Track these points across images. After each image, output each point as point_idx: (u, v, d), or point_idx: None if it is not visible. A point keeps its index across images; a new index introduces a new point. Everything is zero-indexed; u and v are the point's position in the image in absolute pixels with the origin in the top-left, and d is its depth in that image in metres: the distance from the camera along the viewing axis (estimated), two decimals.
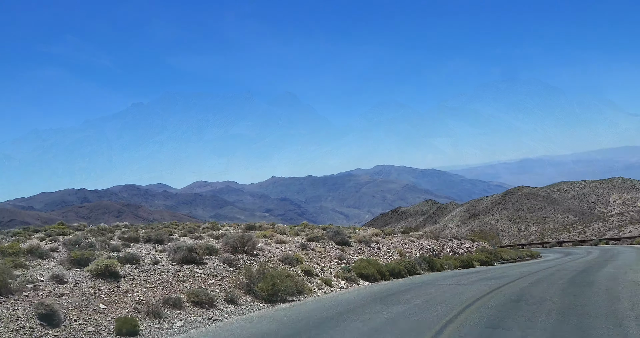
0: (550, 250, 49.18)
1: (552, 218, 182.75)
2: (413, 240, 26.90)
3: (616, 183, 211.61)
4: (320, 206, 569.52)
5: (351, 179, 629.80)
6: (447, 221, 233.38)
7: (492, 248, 37.16)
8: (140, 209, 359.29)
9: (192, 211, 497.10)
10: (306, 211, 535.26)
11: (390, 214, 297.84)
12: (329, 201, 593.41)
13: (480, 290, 14.23)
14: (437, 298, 12.94)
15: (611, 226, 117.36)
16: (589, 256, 29.50)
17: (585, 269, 19.85)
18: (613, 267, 20.10)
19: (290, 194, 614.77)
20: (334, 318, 10.76)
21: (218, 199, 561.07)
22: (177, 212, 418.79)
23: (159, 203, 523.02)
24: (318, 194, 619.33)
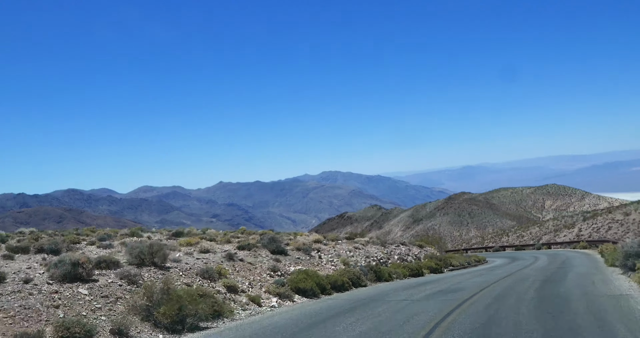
0: (495, 255, 47.69)
1: (492, 222, 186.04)
2: (358, 247, 24.12)
3: (550, 190, 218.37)
4: (267, 211, 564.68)
5: (299, 185, 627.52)
6: (392, 226, 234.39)
7: (440, 253, 35.04)
8: (83, 215, 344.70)
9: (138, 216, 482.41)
10: (254, 216, 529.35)
11: (336, 219, 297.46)
12: (276, 207, 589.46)
13: (438, 309, 11.55)
14: (388, 323, 10.12)
15: (547, 231, 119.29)
16: (539, 263, 27.63)
17: (546, 279, 17.59)
18: (575, 276, 17.97)
19: (237, 200, 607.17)
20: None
21: (164, 205, 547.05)
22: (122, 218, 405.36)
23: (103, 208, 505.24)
24: (266, 199, 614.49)
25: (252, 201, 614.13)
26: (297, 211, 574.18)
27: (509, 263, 31.50)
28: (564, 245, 43.56)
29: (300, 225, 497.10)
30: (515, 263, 30.43)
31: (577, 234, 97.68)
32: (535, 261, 28.66)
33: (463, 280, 19.15)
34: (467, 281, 18.44)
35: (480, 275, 21.79)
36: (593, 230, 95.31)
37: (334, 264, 19.72)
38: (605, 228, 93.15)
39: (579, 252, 35.32)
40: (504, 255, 44.11)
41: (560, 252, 37.84)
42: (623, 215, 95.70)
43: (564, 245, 43.56)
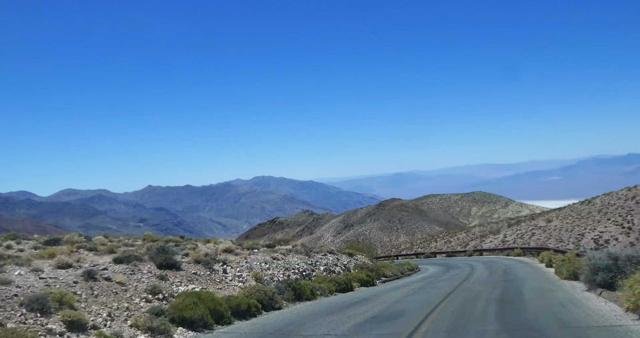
0: (426, 262, 45.10)
1: (421, 228, 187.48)
2: (278, 257, 20.14)
3: (477, 197, 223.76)
4: (198, 216, 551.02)
5: (230, 190, 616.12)
6: (323, 231, 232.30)
7: (371, 262, 31.78)
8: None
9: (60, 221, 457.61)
10: (183, 221, 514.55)
11: (267, 224, 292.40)
12: (207, 211, 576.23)
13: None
14: None
15: (474, 237, 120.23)
16: (478, 273, 24.78)
17: (501, 298, 14.31)
18: (533, 294, 14.83)
19: (167, 204, 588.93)
20: None
21: (89, 209, 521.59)
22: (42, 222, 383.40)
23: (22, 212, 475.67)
24: (196, 204, 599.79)
25: (182, 205, 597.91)
26: (229, 216, 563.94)
27: (444, 272, 28.61)
28: (496, 251, 41.56)
29: (231, 230, 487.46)
30: (451, 272, 27.56)
31: (502, 240, 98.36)
32: (473, 271, 25.85)
33: (400, 298, 15.63)
34: (405, 301, 14.91)
35: (419, 290, 18.37)
36: (517, 236, 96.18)
37: (243, 280, 15.67)
38: (528, 234, 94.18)
39: (515, 260, 32.94)
40: (437, 262, 41.56)
41: (495, 259, 35.36)
42: (545, 222, 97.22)
43: (496, 251, 41.56)
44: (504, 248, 42.58)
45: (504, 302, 13.32)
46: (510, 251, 38.23)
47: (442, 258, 48.74)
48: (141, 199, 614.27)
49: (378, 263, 30.73)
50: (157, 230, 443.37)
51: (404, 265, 32.10)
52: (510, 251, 37.84)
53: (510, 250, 38.55)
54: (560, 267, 19.12)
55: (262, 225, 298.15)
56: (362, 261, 27.70)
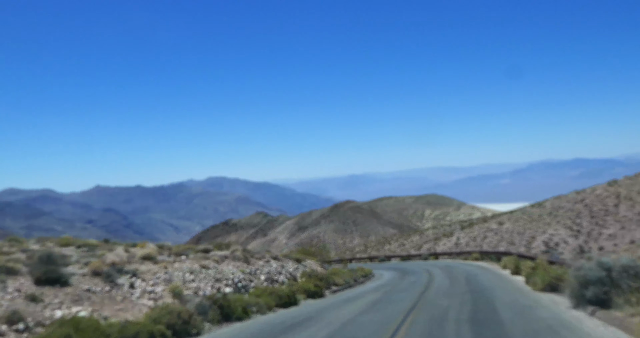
0: (381, 266, 42.72)
1: (375, 230, 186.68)
2: (208, 265, 16.95)
3: (430, 199, 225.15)
4: (149, 217, 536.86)
5: (183, 190, 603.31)
6: (277, 233, 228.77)
7: (322, 267, 28.97)
8: None
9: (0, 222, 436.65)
10: (133, 222, 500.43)
11: (220, 226, 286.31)
12: (158, 213, 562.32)
13: None
14: None
15: (427, 239, 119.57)
16: (438, 280, 22.26)
17: (474, 318, 11.65)
18: (511, 313, 12.25)
19: (116, 205, 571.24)
20: None
21: (32, 209, 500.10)
22: None
23: None
24: (147, 205, 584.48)
25: (133, 206, 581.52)
26: (181, 218, 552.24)
27: (400, 278, 26.10)
28: (453, 255, 39.52)
29: (183, 232, 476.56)
30: (408, 279, 25.07)
31: (455, 243, 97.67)
32: (431, 278, 23.31)
33: (352, 317, 12.81)
34: (358, 322, 12.08)
35: (374, 305, 15.58)
36: (470, 238, 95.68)
37: (156, 297, 12.47)
38: (481, 236, 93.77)
39: (474, 265, 30.65)
40: (392, 267, 39.18)
41: (452, 264, 33.02)
42: (497, 224, 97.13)
43: (453, 255, 39.52)
44: (460, 252, 40.55)
45: (478, 324, 10.66)
46: (467, 255, 36.12)
47: (397, 262, 46.53)
48: (89, 200, 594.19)
49: (329, 270, 27.97)
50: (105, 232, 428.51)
51: (358, 270, 29.48)
52: (467, 255, 35.75)
53: (467, 253, 36.48)
54: (533, 276, 16.76)
55: (214, 226, 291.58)
56: (312, 268, 24.84)
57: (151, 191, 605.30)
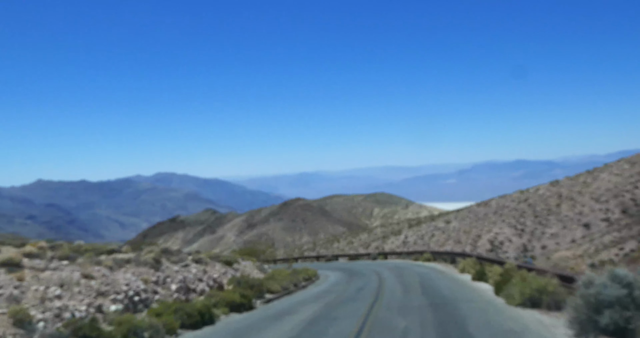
0: (328, 266, 39.20)
1: (324, 228, 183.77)
2: (92, 274, 12.72)
3: (379, 198, 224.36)
4: (93, 213, 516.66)
5: (130, 186, 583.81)
6: (225, 230, 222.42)
7: (260, 270, 25.09)
8: None
9: None
10: (77, 218, 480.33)
11: (167, 223, 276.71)
12: (104, 209, 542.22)
13: None
14: None
15: (376, 237, 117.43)
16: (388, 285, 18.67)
17: None
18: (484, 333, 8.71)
19: (59, 200, 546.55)
20: None
21: None
22: None
23: None
24: (92, 200, 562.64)
25: (77, 202, 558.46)
26: (127, 214, 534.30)
27: (347, 282, 22.54)
28: (403, 255, 36.43)
29: (129, 229, 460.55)
30: (355, 283, 21.57)
31: (403, 241, 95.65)
32: (381, 284, 19.68)
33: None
34: None
35: (310, 326, 11.80)
36: (418, 237, 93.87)
37: None
38: (429, 235, 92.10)
39: (427, 267, 27.07)
40: (339, 267, 35.67)
41: (403, 265, 29.56)
42: (445, 223, 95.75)
43: (403, 255, 36.43)
44: (411, 252, 37.44)
45: None
46: (418, 255, 32.90)
47: (345, 262, 43.15)
48: (30, 194, 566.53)
49: (269, 273, 24.10)
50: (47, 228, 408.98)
51: (301, 272, 25.65)
52: (418, 256, 32.51)
53: (418, 253, 33.27)
54: (505, 286, 13.42)
55: (161, 223, 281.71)
56: (245, 273, 20.90)
57: (96, 187, 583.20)
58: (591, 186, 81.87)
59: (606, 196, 77.23)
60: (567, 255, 64.62)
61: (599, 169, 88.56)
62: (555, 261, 64.57)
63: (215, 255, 22.61)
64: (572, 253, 64.77)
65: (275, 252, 36.62)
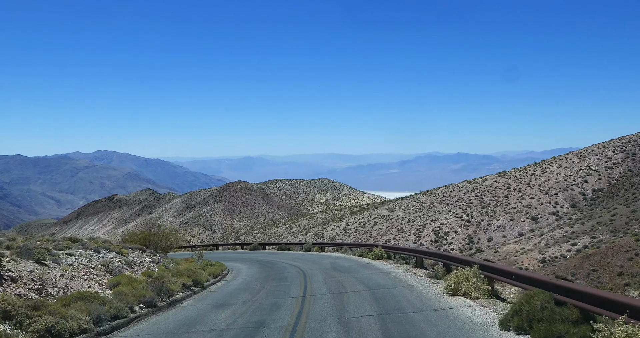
0: (250, 256, 31.71)
1: (264, 212, 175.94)
2: None
3: (322, 184, 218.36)
4: (28, 189, 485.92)
5: (68, 163, 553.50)
6: (163, 211, 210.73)
7: (151, 263, 17.33)
8: None
9: None
10: (10, 193, 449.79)
11: (104, 201, 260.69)
12: (39, 185, 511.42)
13: None
14: None
15: (316, 223, 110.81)
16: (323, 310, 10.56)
17: None
18: None
19: None
20: None
21: None
22: None
23: None
24: (27, 176, 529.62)
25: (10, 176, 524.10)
26: (64, 191, 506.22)
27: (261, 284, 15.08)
28: (344, 247, 29.44)
29: (65, 206, 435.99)
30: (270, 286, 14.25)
31: (344, 228, 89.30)
32: (306, 298, 11.75)
33: None
34: None
35: None
36: (360, 224, 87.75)
37: None
38: (371, 223, 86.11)
39: (379, 270, 18.53)
40: (260, 258, 28.17)
41: (343, 263, 21.38)
42: (388, 211, 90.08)
43: (344, 247, 29.44)
44: (356, 244, 30.19)
45: None
46: (365, 249, 25.09)
47: (271, 252, 35.64)
48: None
49: (159, 273, 16.35)
50: None
51: (198, 270, 17.99)
52: (365, 251, 24.74)
53: (366, 248, 25.58)
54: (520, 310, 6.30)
55: (97, 201, 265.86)
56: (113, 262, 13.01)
57: (32, 162, 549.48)
58: (540, 178, 78.11)
59: (555, 189, 73.34)
60: (517, 248, 59.82)
61: (548, 162, 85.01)
62: (503, 255, 59.18)
63: None
64: (520, 246, 60.08)
65: (178, 241, 27.23)
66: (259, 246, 38.81)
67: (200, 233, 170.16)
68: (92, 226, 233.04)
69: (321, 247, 33.92)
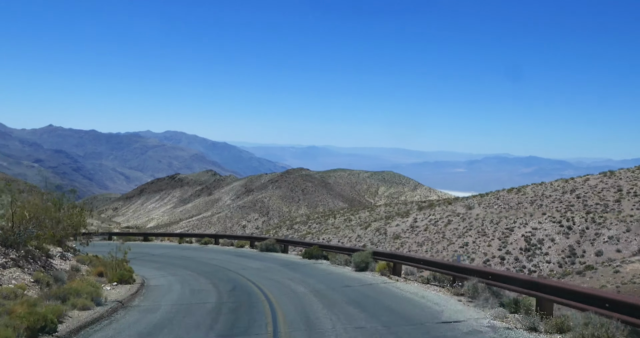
0: (207, 254, 20.60)
1: (324, 202, 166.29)
2: None
3: (386, 176, 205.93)
4: (100, 164, 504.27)
5: (139, 141, 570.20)
6: (222, 193, 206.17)
7: None
8: None
9: None
10: (83, 166, 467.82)
11: (167, 180, 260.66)
12: (110, 160, 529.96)
13: None
14: None
15: (378, 217, 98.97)
16: None
17: None
18: None
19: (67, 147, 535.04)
20: None
21: None
22: None
23: None
24: (100, 151, 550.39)
25: (84, 150, 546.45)
26: (133, 168, 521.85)
27: None
28: (336, 250, 17.71)
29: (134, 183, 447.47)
30: None
31: (411, 224, 76.96)
32: None
33: None
34: None
35: None
36: (430, 221, 75.28)
37: None
38: (444, 221, 73.38)
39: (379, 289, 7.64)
40: (202, 260, 16.74)
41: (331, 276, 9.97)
42: (465, 208, 76.85)
43: (336, 250, 17.71)
44: (348, 249, 18.25)
45: None
46: (363, 254, 13.40)
47: (248, 252, 23.93)
48: (39, 139, 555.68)
49: None
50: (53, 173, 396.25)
51: (113, 271, 7.01)
52: (363, 255, 13.10)
53: (355, 252, 13.91)
54: None
55: (160, 179, 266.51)
56: None
57: (105, 138, 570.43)
58: None
59: None
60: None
61: None
62: (628, 277, 44.22)
63: None
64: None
65: (84, 219, 14.57)
66: (247, 239, 27.31)
67: (256, 219, 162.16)
68: (154, 204, 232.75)
69: (284, 246, 22.22)
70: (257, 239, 25.34)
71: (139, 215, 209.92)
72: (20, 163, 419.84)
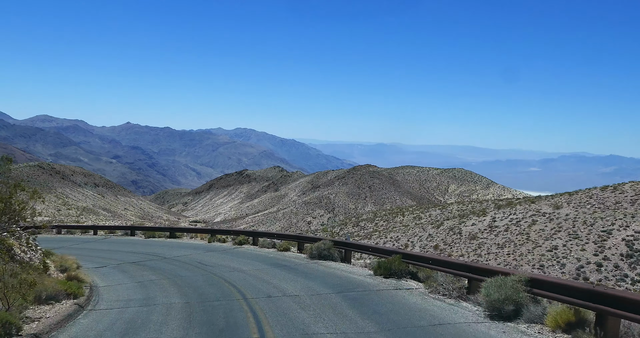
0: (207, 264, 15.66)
1: (391, 199, 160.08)
2: None
3: (457, 174, 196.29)
4: (173, 160, 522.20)
5: (210, 138, 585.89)
6: (289, 189, 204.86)
7: None
8: None
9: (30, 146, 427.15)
10: (157, 162, 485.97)
11: (235, 175, 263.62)
12: (183, 156, 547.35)
13: None
14: None
15: (450, 215, 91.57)
16: None
17: None
18: None
19: (143, 144, 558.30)
20: None
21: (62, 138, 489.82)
22: (10, 144, 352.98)
23: None
24: (173, 147, 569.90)
25: (159, 147, 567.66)
26: (204, 164, 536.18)
27: None
28: (435, 266, 10.49)
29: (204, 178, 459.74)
30: None
31: (489, 224, 70.02)
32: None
33: None
34: None
35: None
36: (511, 221, 67.65)
37: None
38: (527, 221, 65.49)
39: None
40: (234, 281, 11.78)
41: None
42: (552, 208, 68.83)
43: (435, 266, 10.49)
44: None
45: None
46: None
47: (297, 266, 18.84)
48: (118, 136, 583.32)
49: None
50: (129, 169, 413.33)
51: None
52: None
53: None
54: None
55: (228, 175, 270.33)
56: None
57: (179, 134, 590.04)
58: None
59: None
60: None
61: None
62: None
63: None
64: None
65: (34, 209, 9.09)
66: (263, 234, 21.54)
67: (322, 215, 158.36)
68: (222, 199, 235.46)
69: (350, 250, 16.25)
70: (307, 239, 18.39)
71: (207, 210, 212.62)
72: (100, 159, 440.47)
